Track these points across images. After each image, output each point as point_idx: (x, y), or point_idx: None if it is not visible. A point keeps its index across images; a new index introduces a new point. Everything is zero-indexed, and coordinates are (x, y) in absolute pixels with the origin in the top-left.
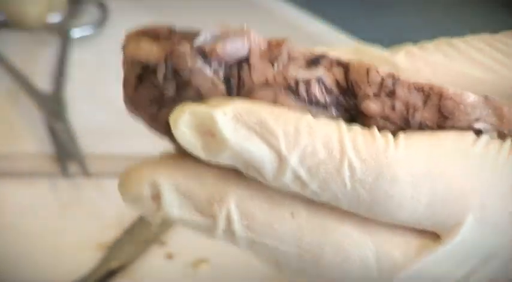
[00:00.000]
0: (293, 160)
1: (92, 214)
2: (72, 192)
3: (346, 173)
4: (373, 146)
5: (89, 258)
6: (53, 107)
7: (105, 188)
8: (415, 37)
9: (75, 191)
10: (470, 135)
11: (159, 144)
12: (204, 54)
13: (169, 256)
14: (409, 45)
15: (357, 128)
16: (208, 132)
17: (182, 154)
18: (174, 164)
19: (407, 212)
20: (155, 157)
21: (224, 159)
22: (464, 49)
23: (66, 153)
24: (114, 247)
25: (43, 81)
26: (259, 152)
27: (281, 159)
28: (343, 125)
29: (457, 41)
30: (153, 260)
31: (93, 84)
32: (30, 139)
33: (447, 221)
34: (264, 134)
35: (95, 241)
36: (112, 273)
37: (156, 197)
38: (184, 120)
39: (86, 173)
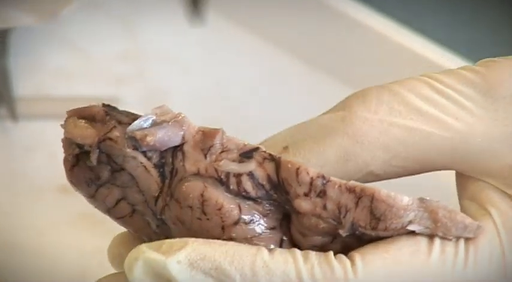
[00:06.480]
0: None
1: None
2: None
3: None
4: (332, 277)
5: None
6: None
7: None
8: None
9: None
10: (422, 242)
11: (102, 88)
12: (136, 142)
13: None
14: (352, 99)
15: (313, 257)
16: (165, 278)
17: None
18: None
19: None
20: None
21: None
22: (409, 99)
23: None
24: None
25: None
26: None
27: None
28: (299, 256)
29: (400, 89)
30: None
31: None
32: None
33: None
34: (222, 279)
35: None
36: None
37: None
38: (138, 268)
39: (14, 116)
